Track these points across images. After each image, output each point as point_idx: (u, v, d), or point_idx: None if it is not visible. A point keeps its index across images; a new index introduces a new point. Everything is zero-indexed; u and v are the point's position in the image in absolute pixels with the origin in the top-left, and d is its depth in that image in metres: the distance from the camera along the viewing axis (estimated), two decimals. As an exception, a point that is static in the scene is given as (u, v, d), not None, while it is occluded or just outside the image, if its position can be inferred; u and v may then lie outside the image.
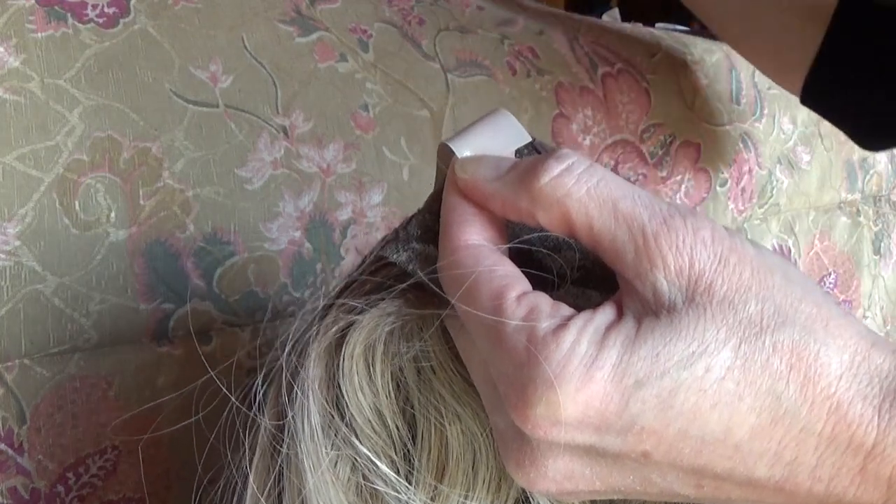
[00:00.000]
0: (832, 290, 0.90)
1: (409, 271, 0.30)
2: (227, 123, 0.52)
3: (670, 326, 0.24)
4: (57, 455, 0.47)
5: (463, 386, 0.29)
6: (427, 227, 0.32)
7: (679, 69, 0.76)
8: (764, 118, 0.82)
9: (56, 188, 0.46)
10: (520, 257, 0.28)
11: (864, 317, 0.94)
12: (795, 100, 0.86)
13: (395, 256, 0.31)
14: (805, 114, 0.86)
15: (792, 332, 0.24)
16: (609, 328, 0.24)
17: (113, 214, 0.48)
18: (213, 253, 0.51)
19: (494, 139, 0.30)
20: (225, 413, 0.32)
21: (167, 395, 0.50)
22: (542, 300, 0.25)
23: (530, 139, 0.31)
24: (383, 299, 0.31)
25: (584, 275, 0.30)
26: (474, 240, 0.28)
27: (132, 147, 0.49)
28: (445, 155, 0.30)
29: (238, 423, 0.32)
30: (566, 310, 0.25)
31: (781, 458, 0.24)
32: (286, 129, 0.54)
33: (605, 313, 0.25)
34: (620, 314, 0.25)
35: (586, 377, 0.23)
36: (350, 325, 0.30)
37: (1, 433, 0.46)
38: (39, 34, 0.47)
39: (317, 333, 0.31)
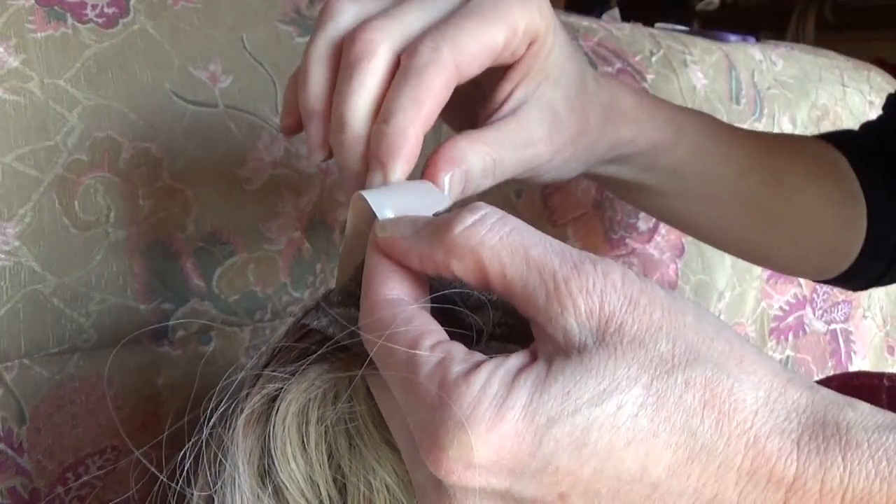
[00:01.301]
0: (832, 290, 0.90)
1: (330, 334, 0.31)
2: (226, 123, 0.52)
3: (581, 365, 0.24)
4: (56, 455, 0.47)
5: (387, 452, 0.29)
6: (349, 292, 0.32)
7: (679, 69, 0.76)
8: (764, 118, 0.82)
9: (56, 188, 0.46)
10: (443, 317, 0.29)
11: (864, 317, 0.94)
12: (795, 99, 0.86)
13: (315, 323, 0.32)
14: (805, 113, 0.87)
15: (704, 368, 0.24)
16: (520, 370, 0.24)
17: (112, 214, 0.48)
18: (213, 253, 0.51)
19: (414, 201, 0.31)
20: (156, 487, 0.32)
21: (167, 394, 0.50)
22: (457, 348, 0.26)
23: (450, 203, 0.31)
24: (309, 365, 0.31)
25: (506, 331, 0.30)
26: (394, 294, 0.28)
27: (132, 147, 0.49)
28: (358, 205, 0.31)
29: (170, 495, 0.32)
30: (479, 356, 0.25)
31: (701, 496, 0.23)
32: (286, 129, 0.54)
33: (518, 357, 0.25)
34: (534, 359, 0.25)
35: (497, 417, 0.23)
36: (277, 393, 0.30)
37: (1, 433, 0.46)
38: (39, 34, 0.47)
39: (243, 403, 0.31)
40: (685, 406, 0.23)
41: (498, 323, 0.30)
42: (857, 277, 0.58)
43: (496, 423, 0.23)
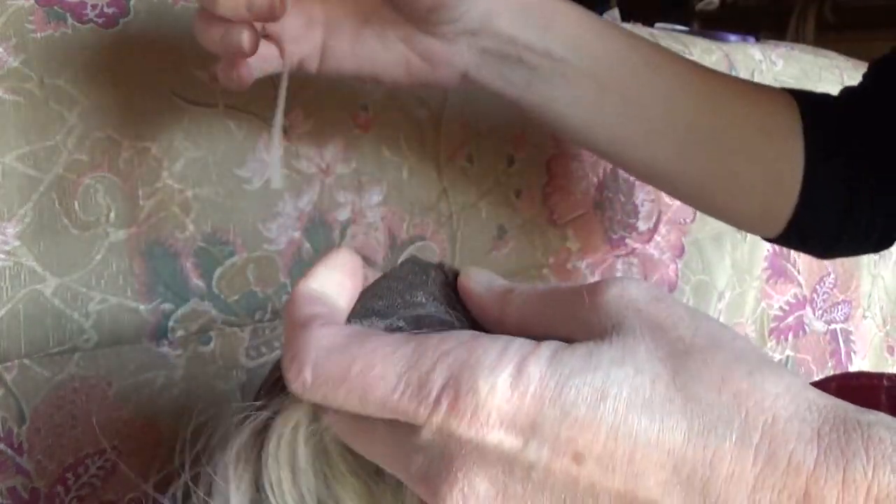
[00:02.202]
0: (832, 290, 0.90)
1: None
2: (226, 123, 0.52)
3: (601, 339, 0.25)
4: (56, 455, 0.47)
5: (353, 482, 0.29)
6: None
7: (679, 69, 0.76)
8: (763, 118, 0.82)
9: (55, 188, 0.46)
10: None
11: (864, 317, 0.94)
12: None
13: None
14: (805, 114, 0.86)
15: (725, 355, 0.24)
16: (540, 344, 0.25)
17: (112, 214, 0.48)
18: (213, 253, 0.51)
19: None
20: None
21: (167, 395, 0.50)
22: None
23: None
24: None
25: None
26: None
27: (131, 147, 0.49)
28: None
29: None
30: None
31: (717, 471, 0.23)
32: (285, 129, 0.54)
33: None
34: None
35: (522, 366, 0.24)
36: (264, 425, 0.30)
37: (1, 433, 0.46)
38: (39, 34, 0.47)
39: (232, 439, 0.30)
40: (703, 380, 0.23)
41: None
42: (808, 239, 0.57)
43: (522, 370, 0.24)
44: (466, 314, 0.32)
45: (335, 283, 0.30)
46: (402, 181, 0.58)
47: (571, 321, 0.26)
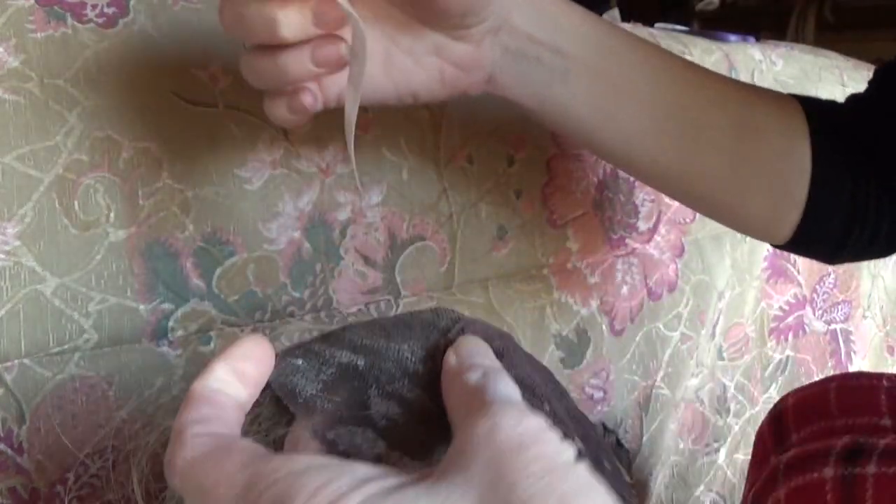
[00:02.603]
0: (832, 290, 0.90)
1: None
2: (226, 123, 0.52)
3: (440, 477, 0.24)
4: (56, 455, 0.47)
5: None
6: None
7: (679, 69, 0.76)
8: (763, 118, 0.82)
9: (55, 188, 0.46)
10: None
11: (864, 317, 0.94)
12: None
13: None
14: (805, 114, 0.86)
15: None
16: (374, 479, 0.25)
17: (112, 214, 0.48)
18: (213, 253, 0.51)
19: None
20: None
21: (167, 395, 0.50)
22: None
23: None
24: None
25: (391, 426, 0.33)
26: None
27: (131, 147, 0.49)
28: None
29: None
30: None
31: None
32: (286, 130, 0.54)
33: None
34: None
35: None
36: None
37: (1, 433, 0.46)
38: (39, 34, 0.47)
39: None
40: None
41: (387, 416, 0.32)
42: (814, 245, 0.56)
43: None
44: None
45: (236, 374, 0.31)
46: (402, 181, 0.58)
47: (461, 431, 0.26)
